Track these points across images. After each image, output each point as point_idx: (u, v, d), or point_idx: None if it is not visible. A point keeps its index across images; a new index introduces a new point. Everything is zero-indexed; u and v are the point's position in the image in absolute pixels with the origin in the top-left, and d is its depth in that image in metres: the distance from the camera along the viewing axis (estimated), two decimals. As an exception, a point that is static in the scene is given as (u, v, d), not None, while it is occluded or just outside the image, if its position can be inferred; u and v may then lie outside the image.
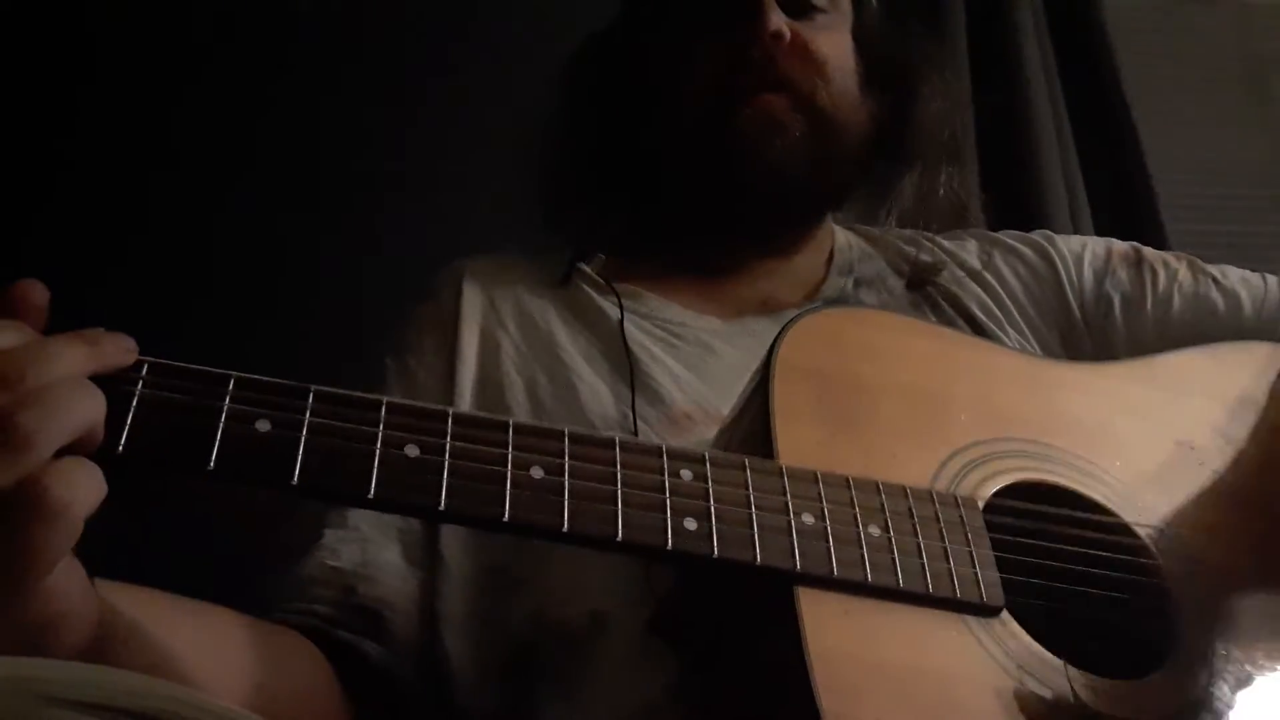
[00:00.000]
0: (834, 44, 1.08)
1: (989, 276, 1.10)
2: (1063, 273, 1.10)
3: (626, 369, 0.98)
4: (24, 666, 0.53)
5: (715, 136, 1.04)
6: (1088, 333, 1.07)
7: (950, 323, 1.05)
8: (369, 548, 0.92)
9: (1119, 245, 1.14)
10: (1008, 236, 1.17)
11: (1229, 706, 0.75)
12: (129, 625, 0.67)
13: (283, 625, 0.85)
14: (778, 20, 1.03)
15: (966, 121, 1.18)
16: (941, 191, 1.17)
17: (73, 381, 0.58)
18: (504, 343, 1.02)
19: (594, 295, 1.07)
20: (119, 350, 0.62)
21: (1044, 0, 1.80)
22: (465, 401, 0.99)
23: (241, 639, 0.78)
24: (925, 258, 1.11)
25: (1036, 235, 1.16)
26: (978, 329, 1.04)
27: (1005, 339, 1.04)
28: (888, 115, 1.12)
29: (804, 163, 1.04)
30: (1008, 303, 1.08)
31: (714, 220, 1.09)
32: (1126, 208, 1.67)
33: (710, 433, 0.89)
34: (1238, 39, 1.97)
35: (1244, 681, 0.77)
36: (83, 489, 0.57)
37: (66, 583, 0.59)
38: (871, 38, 1.14)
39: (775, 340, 0.82)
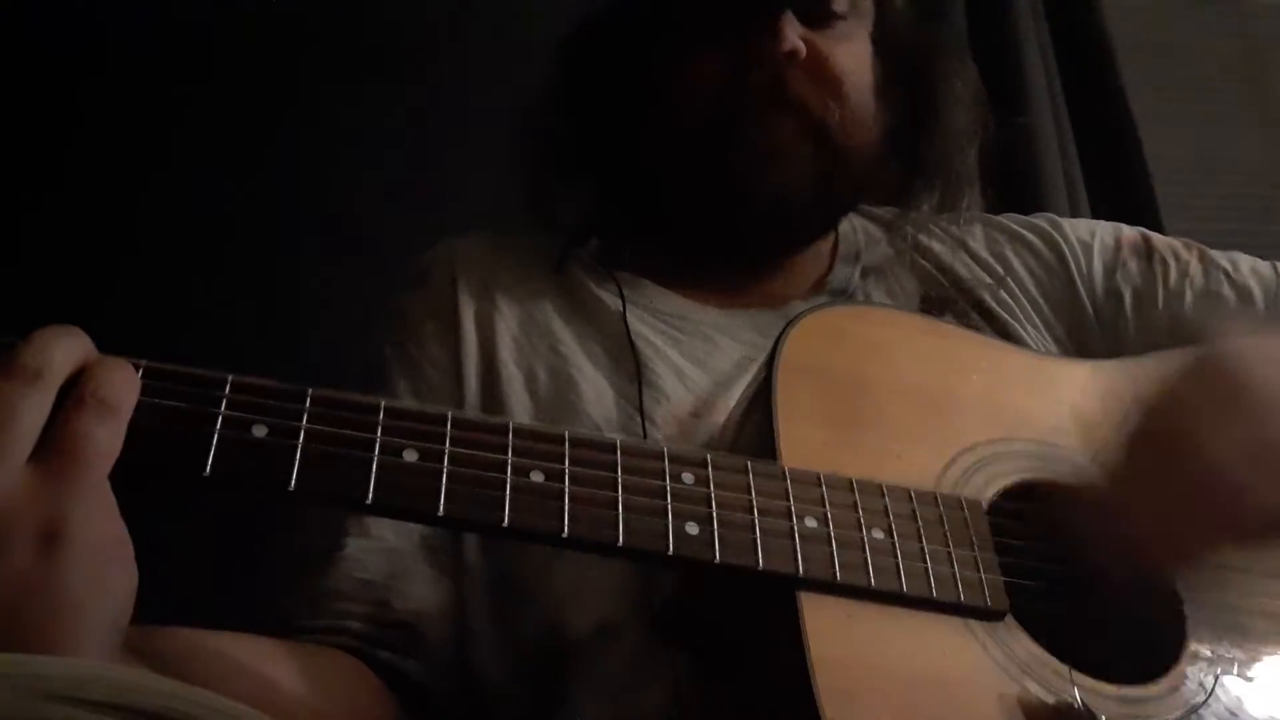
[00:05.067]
0: (852, 55, 1.01)
1: (1000, 269, 1.06)
2: (1073, 265, 1.06)
3: (628, 363, 0.95)
4: (26, 664, 0.52)
5: (715, 157, 0.97)
6: (1098, 325, 1.04)
7: (964, 316, 1.01)
8: (396, 558, 0.88)
9: (1128, 233, 1.10)
10: (1011, 221, 1.12)
11: (1234, 711, 0.74)
12: (188, 644, 0.69)
13: (318, 646, 0.82)
14: (794, 38, 0.94)
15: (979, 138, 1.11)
16: (961, 223, 1.10)
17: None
18: (501, 332, 0.98)
19: (592, 284, 1.02)
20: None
21: (1044, 1, 1.80)
22: (472, 391, 0.95)
23: (290, 667, 0.76)
24: (934, 294, 1.05)
25: (1041, 221, 1.11)
26: (991, 319, 1.01)
27: (1023, 333, 1.01)
28: (905, 124, 1.05)
29: (808, 192, 0.98)
30: (1021, 297, 1.04)
31: (710, 236, 1.04)
32: (1126, 207, 1.66)
33: (714, 428, 0.88)
34: (1237, 39, 1.97)
35: (1249, 685, 0.76)
36: (128, 393, 0.60)
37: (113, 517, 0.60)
38: (893, 40, 1.06)
39: (778, 339, 0.81)
